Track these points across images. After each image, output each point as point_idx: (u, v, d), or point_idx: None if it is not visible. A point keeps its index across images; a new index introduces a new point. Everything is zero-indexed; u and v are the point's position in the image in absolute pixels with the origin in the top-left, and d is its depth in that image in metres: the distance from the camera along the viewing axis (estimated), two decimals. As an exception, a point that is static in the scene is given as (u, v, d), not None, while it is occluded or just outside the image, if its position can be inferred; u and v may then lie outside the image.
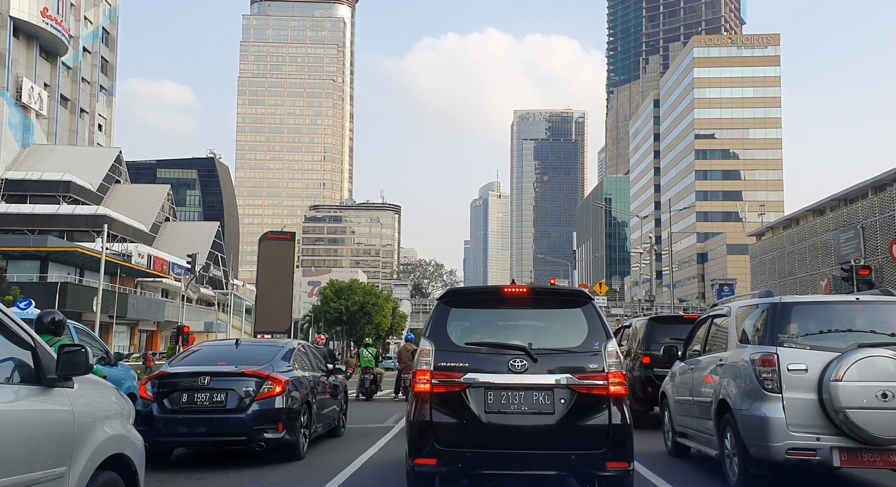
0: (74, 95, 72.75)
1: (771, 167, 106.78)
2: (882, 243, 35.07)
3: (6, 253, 38.18)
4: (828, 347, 6.05)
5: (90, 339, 10.49)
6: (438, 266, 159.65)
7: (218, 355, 9.03)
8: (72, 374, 3.68)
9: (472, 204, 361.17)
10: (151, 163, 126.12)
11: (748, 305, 7.13)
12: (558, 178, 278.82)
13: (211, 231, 77.77)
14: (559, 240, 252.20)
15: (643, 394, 11.65)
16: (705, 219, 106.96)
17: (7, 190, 59.12)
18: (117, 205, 64.91)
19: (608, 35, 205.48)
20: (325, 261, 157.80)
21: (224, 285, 68.98)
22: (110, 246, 43.85)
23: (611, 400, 5.32)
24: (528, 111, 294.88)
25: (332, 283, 68.49)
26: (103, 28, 78.31)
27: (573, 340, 5.57)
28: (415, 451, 5.40)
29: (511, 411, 5.28)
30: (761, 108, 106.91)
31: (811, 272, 43.60)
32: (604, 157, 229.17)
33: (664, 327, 12.30)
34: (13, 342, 3.50)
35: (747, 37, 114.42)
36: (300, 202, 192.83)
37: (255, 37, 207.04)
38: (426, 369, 5.44)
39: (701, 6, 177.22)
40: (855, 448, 5.77)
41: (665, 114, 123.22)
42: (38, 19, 62.74)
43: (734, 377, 6.62)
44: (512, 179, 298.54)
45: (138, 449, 4.25)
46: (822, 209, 47.08)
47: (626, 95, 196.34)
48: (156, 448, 7.85)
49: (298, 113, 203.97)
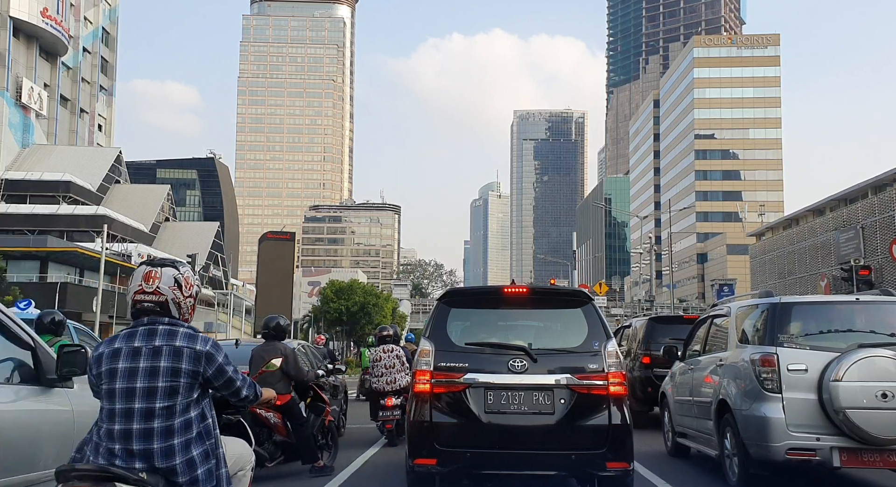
0: (74, 95, 72.74)
1: (771, 167, 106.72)
2: (882, 243, 35.07)
3: (6, 253, 38.18)
4: (828, 347, 6.05)
5: (90, 339, 10.48)
6: (438, 266, 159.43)
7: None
8: (72, 374, 3.69)
9: (472, 204, 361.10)
10: (151, 163, 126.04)
11: (748, 305, 7.13)
12: (558, 178, 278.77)
13: (211, 231, 77.72)
14: (559, 240, 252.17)
15: (643, 394, 11.65)
16: (705, 219, 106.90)
17: (7, 190, 59.11)
18: (117, 205, 64.90)
19: (608, 35, 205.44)
20: (325, 261, 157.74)
21: (224, 285, 68.98)
22: (110, 246, 43.85)
23: (611, 400, 5.32)
24: (528, 111, 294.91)
25: (332, 283, 68.36)
26: (103, 28, 78.30)
27: (573, 340, 5.57)
28: (415, 451, 5.41)
29: (511, 411, 5.28)
30: (761, 108, 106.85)
31: (811, 272, 43.60)
32: (604, 157, 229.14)
33: (664, 327, 12.31)
34: (13, 342, 3.51)
35: (747, 37, 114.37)
36: (300, 202, 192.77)
37: (255, 37, 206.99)
38: (426, 369, 5.45)
39: (701, 6, 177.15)
40: (855, 448, 5.77)
41: (665, 114, 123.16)
42: (38, 19, 62.74)
43: (734, 377, 6.62)
44: (512, 179, 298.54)
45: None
46: (822, 209, 47.06)
47: (626, 95, 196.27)
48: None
49: (298, 113, 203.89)
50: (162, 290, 2.99)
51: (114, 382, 2.88)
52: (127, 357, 2.90)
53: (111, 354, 2.93)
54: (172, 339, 2.93)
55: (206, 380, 2.97)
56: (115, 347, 2.93)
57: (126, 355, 2.90)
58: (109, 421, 2.86)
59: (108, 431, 2.85)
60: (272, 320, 7.69)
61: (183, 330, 2.98)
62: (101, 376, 2.92)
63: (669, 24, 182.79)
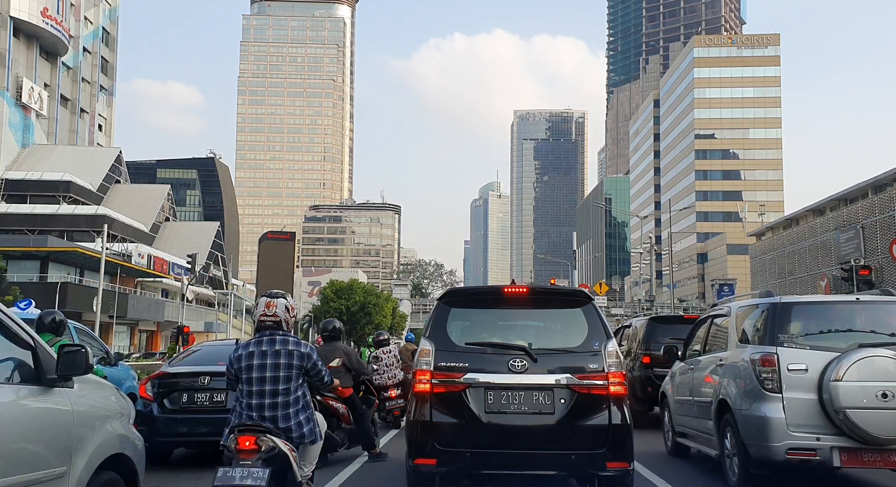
0: (74, 95, 72.76)
1: (771, 167, 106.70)
2: (882, 243, 35.06)
3: (6, 253, 38.14)
4: (828, 347, 6.05)
5: (90, 339, 10.49)
6: (438, 266, 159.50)
7: (218, 355, 9.01)
8: (72, 374, 3.69)
9: (472, 204, 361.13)
10: (151, 163, 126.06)
11: (748, 305, 7.13)
12: (558, 178, 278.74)
13: (211, 231, 77.69)
14: (559, 240, 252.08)
15: (643, 394, 11.64)
16: (705, 219, 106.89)
17: (7, 190, 59.11)
18: (117, 205, 64.90)
19: (608, 35, 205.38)
20: (325, 261, 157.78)
21: (224, 285, 68.96)
22: (110, 246, 43.83)
23: (611, 400, 5.32)
24: (528, 111, 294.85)
25: (332, 283, 68.38)
26: (103, 28, 78.32)
27: (573, 340, 5.57)
28: (415, 451, 5.41)
29: (511, 411, 5.28)
30: (761, 108, 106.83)
31: (811, 272, 43.59)
32: (604, 157, 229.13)
33: (664, 327, 12.28)
34: (13, 342, 3.50)
35: (747, 37, 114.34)
36: (300, 202, 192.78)
37: (255, 37, 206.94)
38: (426, 369, 5.45)
39: (701, 6, 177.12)
40: (855, 448, 5.77)
41: (665, 114, 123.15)
42: (38, 19, 62.75)
43: (734, 377, 6.62)
44: (512, 179, 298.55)
45: (138, 449, 4.26)
46: (822, 209, 47.03)
47: (626, 95, 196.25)
48: (156, 448, 7.83)
49: (298, 113, 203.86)
50: (278, 314, 4.69)
51: (251, 373, 4.53)
52: (258, 357, 4.56)
53: (247, 355, 4.60)
54: (285, 345, 4.61)
55: (306, 371, 4.65)
56: (249, 350, 4.61)
57: (257, 355, 4.58)
58: (248, 398, 4.51)
59: (248, 404, 4.49)
60: (329, 323, 8.82)
61: (291, 339, 4.66)
62: (241, 369, 4.57)
63: (669, 24, 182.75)
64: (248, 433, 4.30)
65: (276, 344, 4.58)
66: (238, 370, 4.57)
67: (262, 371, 4.51)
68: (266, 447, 4.28)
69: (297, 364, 4.56)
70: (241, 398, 4.52)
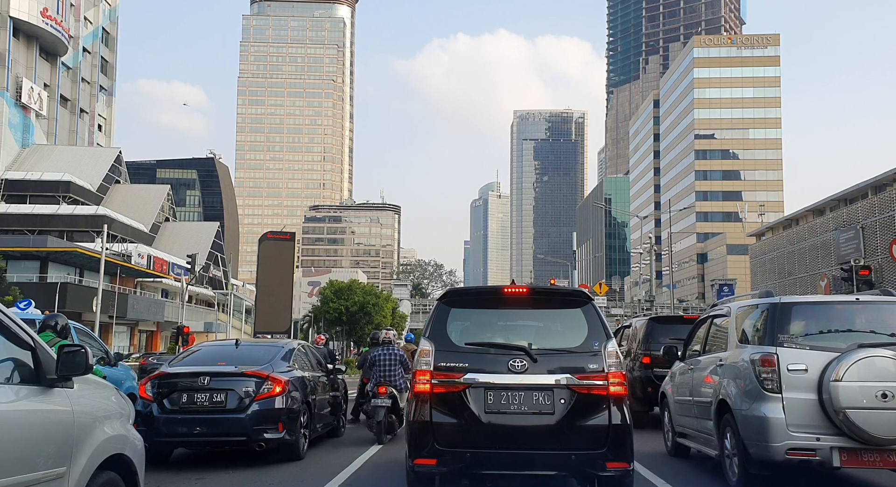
0: (74, 95, 72.71)
1: (771, 167, 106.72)
2: (882, 243, 35.08)
3: (6, 253, 38.13)
4: (828, 347, 6.05)
5: (90, 339, 10.49)
6: (438, 266, 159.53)
7: (218, 355, 9.03)
8: (72, 374, 3.68)
9: (472, 204, 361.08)
10: (151, 163, 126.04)
11: (748, 305, 7.13)
12: (558, 178, 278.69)
13: (211, 231, 77.70)
14: (559, 240, 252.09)
15: (643, 394, 11.65)
16: (705, 219, 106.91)
17: (7, 190, 59.10)
18: (117, 205, 64.89)
19: (608, 35, 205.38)
20: (324, 261, 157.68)
21: (224, 285, 68.93)
22: (110, 246, 43.80)
23: (611, 400, 5.32)
24: (527, 111, 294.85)
25: (331, 283, 68.30)
26: (103, 28, 78.28)
27: (573, 340, 5.57)
28: (415, 451, 5.41)
29: (511, 411, 5.28)
30: (761, 108, 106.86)
31: (811, 272, 43.62)
32: (604, 157, 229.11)
33: (664, 327, 12.30)
34: (13, 342, 3.50)
35: (747, 37, 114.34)
36: (300, 202, 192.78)
37: (255, 37, 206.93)
38: (426, 369, 5.45)
39: (701, 6, 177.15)
40: (855, 448, 5.77)
41: (665, 114, 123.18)
42: (38, 19, 62.72)
43: (734, 377, 6.62)
44: (512, 179, 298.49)
45: (138, 449, 4.25)
46: (822, 209, 47.07)
47: (626, 96, 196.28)
48: (156, 448, 7.84)
49: (298, 113, 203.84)
50: (389, 336, 11.62)
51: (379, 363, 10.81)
52: (383, 355, 10.87)
53: (376, 354, 10.96)
54: (395, 350, 11.02)
55: (401, 362, 10.87)
56: (378, 351, 10.98)
57: (382, 353, 10.93)
58: (380, 373, 10.69)
59: (378, 377, 10.63)
60: (376, 335, 12.84)
61: (396, 348, 11.13)
62: (373, 362, 10.92)
63: (669, 24, 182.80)
64: (383, 385, 10.39)
65: (390, 349, 10.98)
66: (371, 364, 10.92)
67: (383, 362, 10.79)
68: (389, 392, 10.24)
69: (402, 359, 10.92)
70: (374, 376, 10.66)
